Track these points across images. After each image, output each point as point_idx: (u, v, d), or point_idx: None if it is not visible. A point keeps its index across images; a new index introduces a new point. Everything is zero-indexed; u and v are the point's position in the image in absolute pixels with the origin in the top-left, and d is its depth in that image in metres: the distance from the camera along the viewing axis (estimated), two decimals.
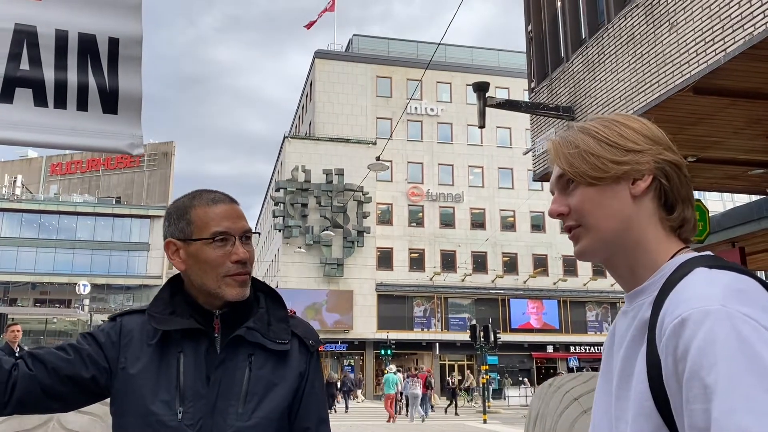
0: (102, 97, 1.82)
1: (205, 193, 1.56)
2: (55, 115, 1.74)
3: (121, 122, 1.82)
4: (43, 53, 1.75)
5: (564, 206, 1.05)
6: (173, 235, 1.53)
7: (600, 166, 1.01)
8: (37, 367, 1.40)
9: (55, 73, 1.76)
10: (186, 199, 1.56)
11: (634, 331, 0.97)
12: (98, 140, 1.79)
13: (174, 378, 1.44)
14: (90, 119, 1.78)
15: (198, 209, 1.51)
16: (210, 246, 1.48)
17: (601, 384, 1.05)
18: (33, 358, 1.41)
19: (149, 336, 1.48)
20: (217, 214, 1.50)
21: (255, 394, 1.45)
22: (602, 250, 1.03)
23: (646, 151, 1.01)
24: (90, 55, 1.82)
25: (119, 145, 1.82)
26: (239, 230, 1.51)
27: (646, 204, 1.01)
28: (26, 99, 1.72)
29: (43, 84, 1.75)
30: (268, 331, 1.51)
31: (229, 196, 1.58)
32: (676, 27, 6.99)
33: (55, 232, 55.99)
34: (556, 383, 4.05)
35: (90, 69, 1.81)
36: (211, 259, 1.47)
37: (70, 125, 1.76)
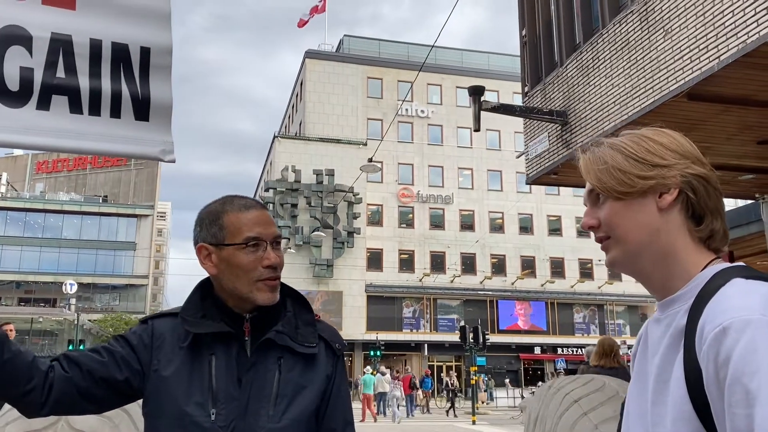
0: (134, 104, 1.85)
1: (236, 198, 1.59)
2: (89, 122, 1.77)
3: (153, 129, 1.85)
4: (78, 61, 1.78)
5: (594, 219, 1.10)
6: (205, 240, 1.55)
7: (626, 181, 1.05)
8: (73, 369, 1.42)
9: (90, 81, 1.79)
10: (218, 205, 1.58)
11: (669, 339, 1.01)
12: (131, 147, 1.82)
13: (206, 380, 1.46)
14: (123, 126, 1.81)
15: (230, 215, 1.54)
16: (242, 251, 1.51)
17: (635, 390, 1.09)
18: (68, 360, 1.43)
19: (180, 339, 1.51)
20: (250, 220, 1.53)
21: (285, 396, 1.48)
22: (631, 261, 1.08)
23: (673, 165, 1.05)
24: (123, 63, 1.86)
25: (152, 152, 1.85)
26: (270, 236, 1.54)
27: (673, 216, 1.05)
28: (62, 106, 1.75)
29: (78, 91, 1.77)
30: (296, 335, 1.55)
31: (259, 202, 1.61)
32: (670, 34, 7.08)
33: (41, 230, 55.49)
34: (556, 385, 4.09)
35: (123, 77, 1.85)
36: (244, 264, 1.50)
37: (104, 132, 1.79)
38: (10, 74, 1.70)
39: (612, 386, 3.89)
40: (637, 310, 45.86)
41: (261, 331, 1.53)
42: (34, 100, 1.73)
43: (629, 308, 45.54)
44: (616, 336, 42.53)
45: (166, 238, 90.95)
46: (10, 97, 1.70)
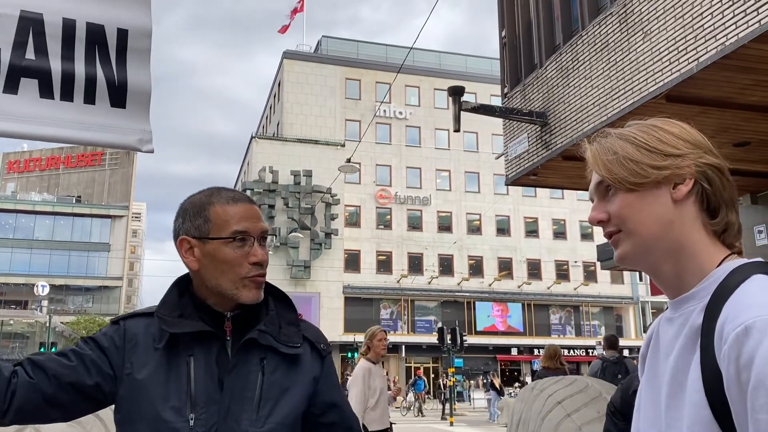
0: (110, 90, 1.74)
1: (223, 190, 1.50)
2: (61, 108, 1.66)
3: (130, 117, 1.74)
4: (49, 42, 1.67)
5: (604, 213, 1.04)
6: (188, 233, 1.46)
7: (639, 172, 1.00)
8: (38, 374, 1.32)
9: (62, 64, 1.68)
10: (203, 196, 1.49)
11: (684, 339, 0.95)
12: (106, 135, 1.71)
13: (184, 383, 1.37)
14: (97, 113, 1.70)
15: (217, 207, 1.45)
16: (228, 246, 1.42)
17: (646, 393, 1.03)
18: (33, 364, 1.33)
19: (155, 340, 1.41)
20: (237, 213, 1.45)
21: (269, 399, 1.40)
22: (644, 256, 1.01)
23: (686, 155, 1.00)
24: (98, 46, 1.74)
25: (128, 141, 1.74)
26: (258, 231, 1.46)
27: (688, 208, 0.99)
28: (32, 90, 1.63)
29: (50, 75, 1.66)
30: (279, 335, 1.47)
31: (247, 196, 1.53)
32: (649, 36, 7.11)
33: (12, 231, 54.45)
34: (538, 386, 4.06)
35: (98, 60, 1.73)
36: (230, 260, 1.42)
37: (77, 118, 1.67)
38: None
39: (595, 387, 3.87)
40: (612, 311, 46.39)
41: (242, 331, 1.44)
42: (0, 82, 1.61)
43: (604, 309, 46.03)
44: (592, 337, 42.99)
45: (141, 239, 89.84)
46: None
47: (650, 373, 1.03)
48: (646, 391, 1.03)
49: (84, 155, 62.35)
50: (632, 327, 45.91)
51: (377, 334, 5.72)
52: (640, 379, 1.09)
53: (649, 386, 1.02)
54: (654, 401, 0.99)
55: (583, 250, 44.10)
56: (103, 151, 61.74)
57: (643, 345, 1.11)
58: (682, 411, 0.90)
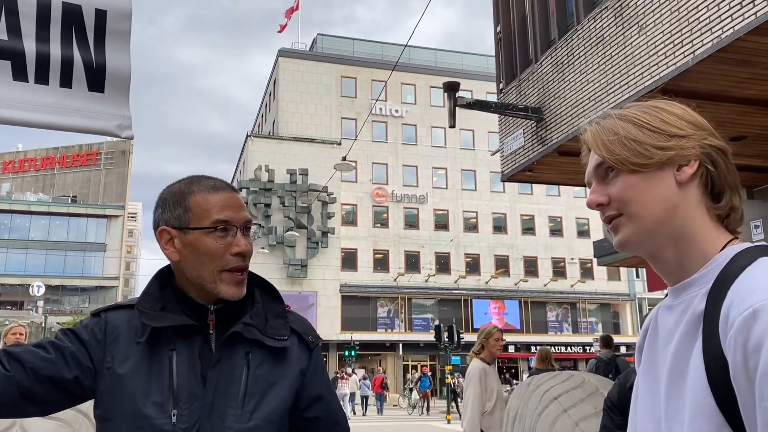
0: (88, 73, 1.67)
1: (204, 179, 1.45)
2: (36, 91, 1.60)
3: (108, 101, 1.68)
4: (23, 22, 1.60)
5: (603, 196, 0.99)
6: (168, 223, 1.41)
7: (643, 152, 0.96)
8: (14, 366, 1.27)
9: (37, 45, 1.61)
10: (183, 185, 1.44)
11: (686, 326, 0.90)
12: (83, 120, 1.65)
13: (166, 378, 1.33)
14: (74, 97, 1.64)
15: (198, 196, 1.40)
16: (210, 236, 1.37)
17: (644, 383, 0.98)
18: (9, 357, 1.28)
19: (137, 333, 1.36)
20: (219, 202, 1.39)
21: (254, 394, 1.36)
22: (646, 240, 0.97)
23: (690, 136, 0.97)
24: (75, 27, 1.67)
25: (106, 126, 1.68)
26: (241, 220, 1.40)
27: (692, 191, 0.96)
28: (4, 72, 1.57)
29: (23, 56, 1.59)
30: (265, 327, 1.42)
31: (229, 184, 1.47)
32: (645, 29, 7.08)
33: (7, 231, 54.23)
34: (535, 382, 4.02)
35: (75, 42, 1.67)
36: (211, 250, 1.36)
37: (53, 102, 1.61)
38: None
39: (592, 383, 3.84)
40: (609, 308, 46.43)
41: (227, 324, 1.39)
42: None
43: (601, 306, 46.08)
44: (589, 334, 43.02)
45: (137, 239, 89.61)
46: None
47: (648, 364, 0.99)
48: (643, 382, 0.99)
49: (79, 155, 62.12)
50: (629, 324, 45.96)
51: (494, 333, 5.34)
52: (637, 370, 1.04)
53: (647, 377, 0.98)
54: (652, 391, 0.95)
55: (580, 247, 44.12)
56: (98, 151, 61.55)
57: (640, 336, 1.07)
58: (684, 400, 0.86)
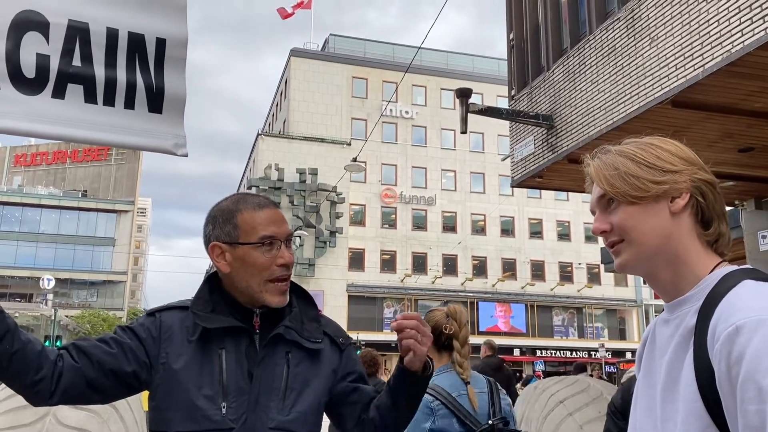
0: (148, 96, 1.84)
1: (249, 197, 1.61)
2: (103, 113, 1.76)
3: (166, 122, 1.85)
4: (94, 50, 1.76)
5: (606, 224, 1.13)
6: (219, 239, 1.56)
7: (640, 186, 1.09)
8: (82, 359, 1.43)
9: (105, 71, 1.77)
10: (231, 203, 1.60)
11: (679, 338, 1.04)
12: (144, 139, 1.81)
13: (217, 374, 1.48)
14: (136, 118, 1.80)
15: (245, 213, 1.56)
16: (258, 250, 1.53)
17: (643, 388, 1.13)
18: (78, 350, 1.44)
19: (189, 332, 1.52)
20: (264, 219, 1.55)
21: (293, 390, 1.51)
22: (644, 263, 1.11)
23: (682, 171, 1.10)
24: (138, 54, 1.84)
25: (164, 145, 1.84)
26: (284, 234, 1.56)
27: (684, 220, 1.09)
28: (77, 95, 1.73)
29: (94, 81, 1.76)
30: (302, 330, 1.57)
31: (272, 201, 1.63)
32: (656, 41, 7.18)
33: (18, 224, 54.61)
34: (540, 386, 4.14)
35: (138, 68, 1.83)
36: (259, 263, 1.52)
37: (118, 123, 1.77)
38: (27, 61, 1.68)
39: (597, 387, 3.96)
40: (616, 314, 46.32)
41: (269, 326, 1.55)
42: (49, 88, 1.71)
43: (608, 311, 45.97)
44: (595, 339, 42.94)
45: (146, 234, 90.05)
46: (25, 83, 1.68)
47: (646, 371, 1.13)
48: (642, 387, 1.13)
49: (90, 150, 62.45)
50: (635, 330, 45.83)
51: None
52: (637, 376, 1.18)
53: (645, 383, 1.12)
54: (649, 396, 1.09)
55: (587, 252, 44.06)
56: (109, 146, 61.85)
57: (640, 345, 1.21)
58: (677, 403, 1.00)
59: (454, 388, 2.51)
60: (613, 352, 39.69)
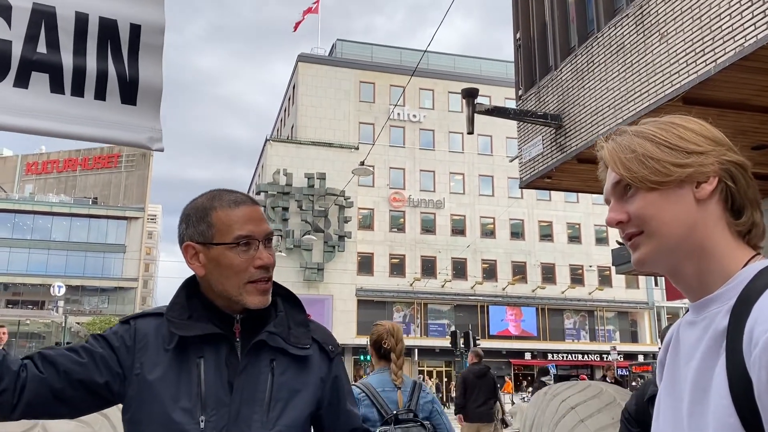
0: (121, 86, 1.72)
1: (225, 193, 1.48)
2: (71, 103, 1.64)
3: (140, 114, 1.72)
4: (61, 36, 1.64)
5: (623, 213, 0.99)
6: (192, 238, 1.44)
7: (661, 170, 0.96)
8: (48, 369, 1.31)
9: (74, 59, 1.65)
10: (205, 200, 1.47)
11: (708, 342, 0.90)
12: (116, 132, 1.69)
13: (195, 385, 1.36)
14: (108, 109, 1.68)
15: (219, 211, 1.43)
16: (233, 251, 1.41)
17: (666, 400, 0.99)
18: (44, 359, 1.32)
19: (165, 341, 1.40)
20: (240, 217, 1.43)
21: (278, 400, 1.39)
22: (665, 258, 0.97)
23: (708, 152, 0.96)
24: (110, 41, 1.72)
25: (138, 139, 1.72)
26: (262, 234, 1.44)
27: (711, 208, 0.95)
28: (42, 84, 1.61)
29: (61, 69, 1.64)
30: (289, 336, 1.45)
31: (250, 197, 1.50)
32: (666, 37, 7.03)
33: (30, 232, 54.97)
34: (551, 391, 4.00)
35: (110, 56, 1.71)
36: (235, 265, 1.40)
37: (87, 114, 1.65)
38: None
39: (609, 393, 3.81)
40: (627, 316, 45.98)
41: (252, 333, 1.43)
42: (11, 76, 1.59)
43: (619, 314, 45.65)
44: (606, 342, 42.62)
45: (157, 240, 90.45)
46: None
47: (670, 380, 0.99)
48: (665, 399, 0.99)
49: (101, 157, 62.88)
50: (647, 332, 45.47)
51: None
52: (659, 385, 1.05)
53: (669, 393, 0.98)
54: (674, 408, 0.95)
55: (598, 255, 43.76)
56: (119, 153, 62.24)
57: (661, 350, 1.07)
58: (707, 418, 0.86)
59: (380, 386, 3.14)
60: (625, 354, 39.37)
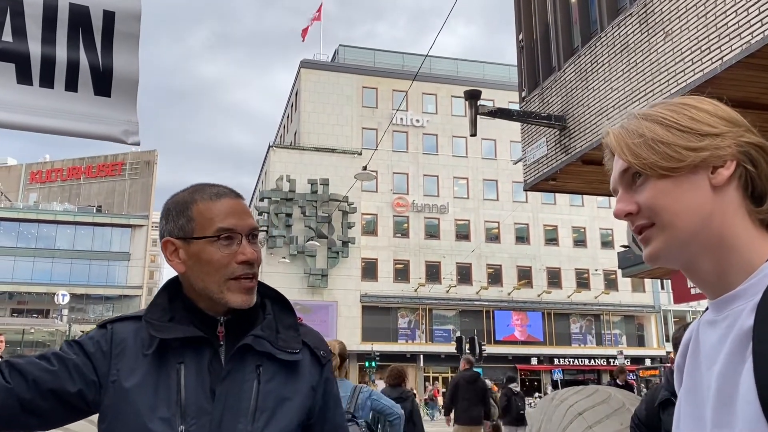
0: (94, 76, 1.62)
1: (207, 186, 1.39)
2: (40, 95, 1.55)
3: (115, 106, 1.63)
4: (28, 24, 1.55)
5: (632, 204, 0.90)
6: (172, 234, 1.36)
7: (673, 155, 0.86)
8: (16, 378, 1.22)
9: (42, 48, 1.56)
10: (186, 194, 1.39)
11: (732, 344, 0.81)
12: (88, 125, 1.60)
13: (174, 392, 1.27)
14: (80, 101, 1.59)
15: (200, 204, 1.35)
16: (214, 245, 1.32)
17: (687, 407, 0.89)
18: (11, 368, 1.23)
19: (144, 345, 1.31)
20: (222, 210, 1.34)
21: (265, 409, 1.29)
22: (680, 251, 0.88)
23: (725, 134, 0.87)
24: (82, 28, 1.62)
25: (112, 132, 1.63)
26: (246, 228, 1.34)
27: (729, 195, 0.86)
28: (8, 75, 1.52)
29: (29, 59, 1.55)
30: (277, 340, 1.35)
31: (233, 190, 1.41)
32: (671, 35, 6.94)
33: (34, 240, 55.06)
34: (558, 397, 3.90)
35: (81, 45, 1.61)
36: (215, 260, 1.31)
37: (58, 106, 1.56)
38: None
39: (618, 398, 3.71)
40: (634, 320, 45.72)
41: (237, 336, 1.34)
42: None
43: (626, 318, 45.39)
44: (613, 346, 42.36)
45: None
46: None
47: (690, 385, 0.89)
48: (686, 406, 0.89)
49: (104, 165, 63.05)
50: (654, 336, 45.19)
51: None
52: (677, 391, 0.95)
53: (690, 400, 0.88)
54: (696, 417, 0.85)
55: (604, 258, 43.56)
56: (123, 161, 62.39)
57: (679, 354, 0.97)
58: (734, 426, 0.78)
59: None
60: (632, 359, 39.09)
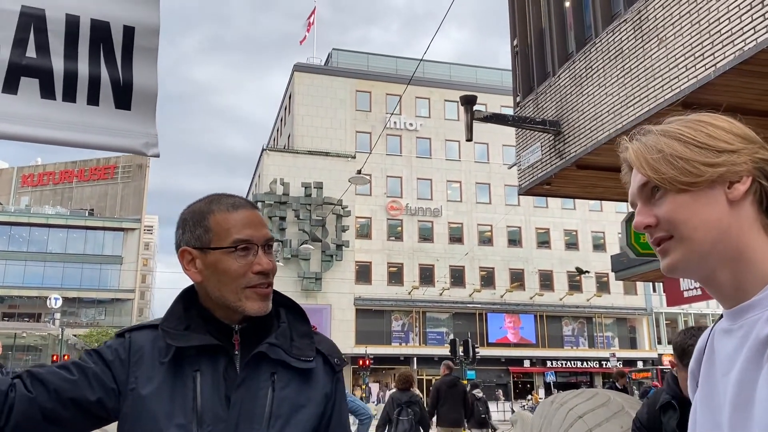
0: (115, 90, 1.65)
1: (223, 197, 1.42)
2: (63, 109, 1.57)
3: (135, 119, 1.65)
4: (51, 40, 1.58)
5: (651, 217, 0.94)
6: (189, 243, 1.38)
7: (691, 170, 0.90)
8: (38, 388, 1.24)
9: (65, 63, 1.59)
10: (203, 204, 1.41)
11: (749, 352, 0.84)
12: (110, 138, 1.62)
13: (190, 399, 1.29)
14: (101, 115, 1.61)
15: (217, 215, 1.37)
16: (231, 255, 1.34)
17: (703, 413, 0.92)
18: (33, 378, 1.25)
19: (161, 353, 1.33)
20: (239, 221, 1.37)
21: (279, 416, 1.32)
22: (698, 263, 0.91)
23: (740, 150, 0.91)
24: (103, 44, 1.65)
25: (133, 145, 1.65)
26: (262, 238, 1.37)
27: (745, 209, 0.90)
28: (32, 90, 1.55)
29: (52, 74, 1.57)
30: (291, 348, 1.38)
31: (250, 201, 1.44)
32: (665, 42, 7.01)
33: (26, 244, 54.76)
34: (558, 400, 3.93)
35: (102, 60, 1.64)
36: (232, 270, 1.34)
37: (80, 120, 1.58)
38: None
39: (617, 401, 3.75)
40: (626, 323, 45.91)
41: (252, 344, 1.36)
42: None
43: (618, 320, 45.58)
44: (605, 348, 42.51)
45: (153, 251, 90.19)
46: None
47: (706, 392, 0.93)
48: (702, 412, 0.92)
49: (97, 169, 62.78)
50: (646, 338, 45.40)
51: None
52: (691, 397, 0.98)
53: (706, 405, 0.92)
54: (713, 423, 0.88)
55: (596, 261, 43.73)
56: (115, 165, 62.15)
57: (693, 360, 1.01)
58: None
59: None
60: (624, 361, 39.22)
